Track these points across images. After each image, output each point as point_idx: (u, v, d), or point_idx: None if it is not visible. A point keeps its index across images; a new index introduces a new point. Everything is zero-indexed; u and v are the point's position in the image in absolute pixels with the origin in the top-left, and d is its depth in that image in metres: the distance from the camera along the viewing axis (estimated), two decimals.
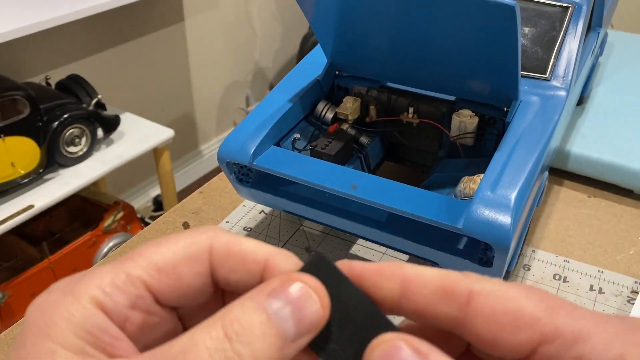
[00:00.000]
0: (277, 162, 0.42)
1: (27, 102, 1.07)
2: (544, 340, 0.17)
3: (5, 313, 1.12)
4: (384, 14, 0.40)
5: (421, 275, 0.19)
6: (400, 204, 0.37)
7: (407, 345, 0.17)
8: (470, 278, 0.19)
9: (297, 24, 2.29)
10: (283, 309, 0.18)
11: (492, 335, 0.18)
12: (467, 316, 0.18)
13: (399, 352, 0.17)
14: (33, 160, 1.12)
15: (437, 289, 0.19)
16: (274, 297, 0.18)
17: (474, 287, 0.18)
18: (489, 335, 0.18)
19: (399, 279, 0.19)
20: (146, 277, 0.19)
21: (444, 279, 0.19)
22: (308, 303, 0.18)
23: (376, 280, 0.19)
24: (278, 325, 0.17)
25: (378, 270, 0.19)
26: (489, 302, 0.18)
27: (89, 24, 1.53)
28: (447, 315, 0.19)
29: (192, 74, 1.95)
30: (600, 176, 0.55)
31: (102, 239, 1.26)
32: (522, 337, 0.17)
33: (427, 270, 0.19)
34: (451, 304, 0.18)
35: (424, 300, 0.19)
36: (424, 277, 0.19)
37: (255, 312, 0.17)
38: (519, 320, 0.18)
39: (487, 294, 0.18)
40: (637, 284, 0.45)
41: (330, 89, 0.49)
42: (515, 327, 0.18)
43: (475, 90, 0.43)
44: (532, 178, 0.37)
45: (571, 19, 0.48)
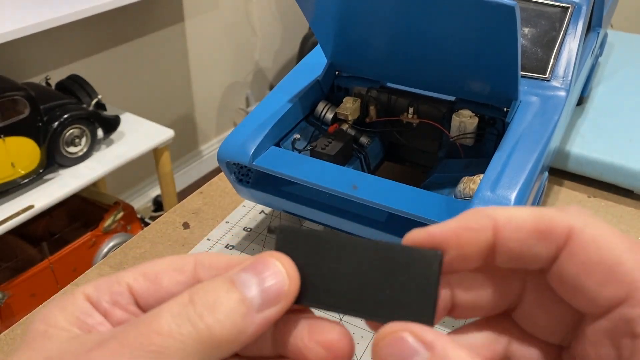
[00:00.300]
0: (277, 162, 0.42)
1: (27, 102, 1.07)
2: (628, 302, 0.16)
3: (5, 313, 1.12)
4: (384, 15, 0.40)
5: (514, 217, 0.18)
6: (400, 204, 0.37)
7: (411, 335, 0.17)
8: (568, 214, 0.17)
9: (297, 25, 2.29)
10: (249, 279, 0.18)
11: (577, 282, 0.17)
12: (561, 257, 0.17)
13: (404, 343, 0.17)
14: (33, 160, 1.12)
15: (533, 230, 0.17)
16: (242, 271, 0.18)
17: (574, 225, 0.17)
18: (575, 281, 0.17)
19: (490, 226, 0.18)
20: (131, 280, 0.20)
21: (539, 218, 0.17)
22: (274, 274, 0.18)
23: (466, 237, 0.18)
24: (242, 292, 0.18)
25: (464, 225, 0.18)
26: (586, 248, 0.17)
27: (89, 24, 1.53)
28: (543, 258, 0.17)
29: (192, 74, 1.95)
30: (600, 176, 0.55)
31: (102, 239, 1.26)
32: (608, 291, 0.16)
33: (518, 210, 0.18)
34: (548, 245, 0.17)
35: (520, 244, 0.17)
36: (518, 219, 0.18)
37: (223, 282, 0.18)
38: (613, 275, 0.16)
39: (587, 237, 0.17)
40: None
41: (330, 89, 0.49)
42: (606, 280, 0.16)
43: (475, 90, 0.43)
44: (532, 178, 0.37)
45: (571, 19, 0.48)
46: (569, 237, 0.17)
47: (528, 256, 0.18)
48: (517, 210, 0.18)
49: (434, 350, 0.16)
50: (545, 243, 0.17)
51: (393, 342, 0.17)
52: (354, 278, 0.19)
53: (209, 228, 0.52)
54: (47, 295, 0.57)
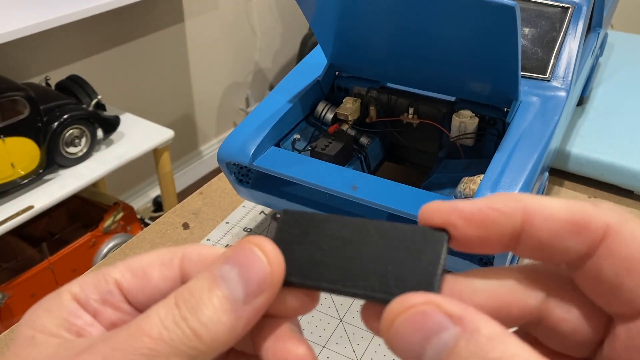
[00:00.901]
0: (277, 162, 0.42)
1: (27, 102, 1.07)
2: None
3: (5, 314, 1.12)
4: (384, 15, 0.40)
5: (546, 206, 0.16)
6: (400, 204, 0.37)
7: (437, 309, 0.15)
8: (604, 210, 0.16)
9: (297, 25, 2.29)
10: (230, 272, 0.17)
11: (616, 280, 0.16)
12: (596, 254, 0.16)
13: (430, 319, 0.15)
14: (33, 161, 1.12)
15: (566, 222, 0.16)
16: (224, 263, 0.18)
17: (611, 222, 0.16)
18: (613, 279, 0.16)
19: (520, 212, 0.17)
20: (118, 276, 0.19)
21: (574, 210, 0.16)
22: (254, 263, 0.17)
23: (493, 218, 0.17)
24: (224, 288, 0.17)
25: (491, 205, 0.17)
26: (626, 244, 0.16)
27: (88, 24, 1.53)
28: (574, 251, 0.16)
29: (192, 75, 1.95)
30: (600, 177, 0.55)
31: (102, 240, 1.26)
32: None
33: (551, 201, 0.17)
34: (582, 240, 0.16)
35: (550, 235, 0.16)
36: (550, 208, 0.16)
37: (205, 280, 0.17)
38: None
39: (627, 234, 0.16)
40: None
41: (330, 90, 0.49)
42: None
43: (475, 90, 0.43)
44: (532, 178, 0.37)
45: (571, 20, 0.48)
46: (606, 234, 0.16)
47: (557, 249, 0.17)
48: (549, 200, 0.17)
49: (463, 324, 0.15)
50: (579, 237, 0.16)
51: (414, 317, 0.15)
52: (353, 256, 0.18)
53: (209, 228, 0.52)
54: None
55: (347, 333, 0.41)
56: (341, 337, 0.41)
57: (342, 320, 0.42)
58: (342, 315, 0.43)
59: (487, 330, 0.14)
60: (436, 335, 0.15)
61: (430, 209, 0.17)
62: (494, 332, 0.14)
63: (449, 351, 0.14)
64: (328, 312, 0.43)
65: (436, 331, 0.15)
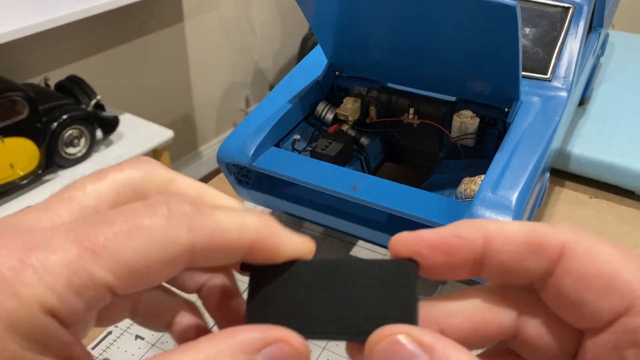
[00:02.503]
0: (277, 163, 0.42)
1: (26, 103, 1.07)
2: (630, 312, 0.16)
3: None
4: (384, 15, 0.40)
5: (505, 230, 0.17)
6: (400, 205, 0.37)
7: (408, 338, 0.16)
8: (561, 230, 0.17)
9: (297, 25, 2.29)
10: None
11: (577, 297, 0.17)
12: (556, 273, 0.17)
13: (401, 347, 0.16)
14: (32, 161, 1.12)
15: (524, 244, 0.17)
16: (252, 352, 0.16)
17: (567, 240, 0.17)
18: (574, 296, 0.17)
19: (480, 237, 0.17)
20: (112, 280, 0.15)
21: (531, 232, 0.17)
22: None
23: (456, 245, 0.18)
24: None
25: (453, 233, 0.18)
26: (582, 262, 0.16)
27: (88, 24, 1.53)
28: (534, 271, 0.17)
29: (192, 75, 1.95)
30: (601, 177, 0.55)
31: None
32: (609, 303, 0.16)
33: (511, 224, 0.18)
34: (540, 260, 0.17)
35: (510, 257, 0.17)
36: (509, 232, 0.17)
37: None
38: (611, 286, 0.16)
39: (582, 251, 0.17)
40: None
41: (330, 90, 0.49)
42: (605, 292, 0.16)
43: (476, 90, 0.43)
44: (533, 179, 0.37)
45: (572, 20, 0.47)
46: (562, 252, 0.17)
47: (519, 270, 0.17)
48: (509, 224, 0.18)
49: (433, 352, 0.16)
50: (537, 257, 0.17)
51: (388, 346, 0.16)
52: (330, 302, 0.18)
53: None
54: None
55: None
56: None
57: None
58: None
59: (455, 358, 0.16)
60: None
61: (397, 241, 0.18)
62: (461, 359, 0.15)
63: None
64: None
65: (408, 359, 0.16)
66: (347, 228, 0.43)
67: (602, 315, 0.16)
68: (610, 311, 0.16)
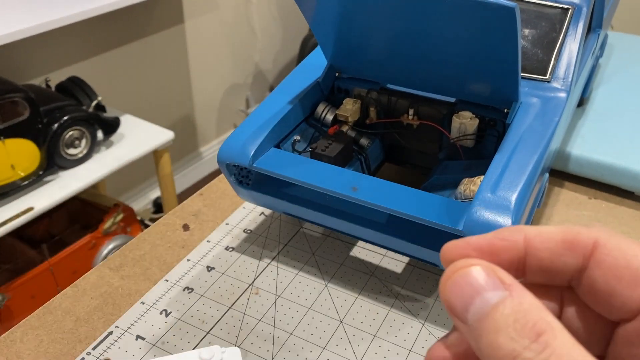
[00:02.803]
0: (277, 164, 0.42)
1: (27, 104, 1.07)
2: None
3: (5, 315, 1.12)
4: (384, 16, 0.40)
5: (543, 231, 0.19)
6: (400, 206, 0.37)
7: (494, 273, 0.17)
8: (594, 229, 0.19)
9: (297, 26, 2.29)
10: None
11: (608, 288, 0.18)
12: (589, 266, 0.18)
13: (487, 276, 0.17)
14: (33, 162, 1.12)
15: (561, 241, 0.19)
16: None
17: (599, 237, 0.18)
18: (606, 287, 0.18)
19: (521, 238, 0.19)
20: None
21: (567, 231, 0.19)
22: None
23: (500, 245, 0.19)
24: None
25: (498, 236, 0.19)
26: (612, 254, 0.18)
27: (89, 26, 1.53)
28: (571, 266, 0.19)
29: (192, 76, 1.95)
30: (600, 178, 0.55)
31: (102, 241, 1.26)
32: (637, 293, 0.17)
33: (547, 227, 0.19)
34: (575, 254, 0.19)
35: (549, 254, 0.19)
36: (547, 232, 0.19)
37: None
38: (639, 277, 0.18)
39: (612, 246, 0.18)
40: None
41: (330, 91, 0.49)
42: (634, 282, 0.18)
43: (475, 91, 0.43)
44: (533, 180, 0.37)
45: (571, 21, 0.48)
46: (595, 247, 0.18)
47: (557, 266, 0.19)
48: (546, 227, 0.20)
49: (512, 290, 0.17)
50: (572, 252, 0.19)
51: (473, 271, 0.17)
52: None
53: (209, 230, 0.52)
54: (47, 297, 0.57)
55: (348, 334, 0.41)
56: (341, 338, 0.41)
57: (342, 322, 0.42)
58: (342, 316, 0.43)
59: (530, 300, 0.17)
60: (487, 291, 0.17)
61: (447, 248, 0.19)
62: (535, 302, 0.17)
63: (495, 306, 0.16)
64: (328, 313, 0.43)
65: (488, 288, 0.17)
66: (347, 228, 0.43)
67: (631, 305, 0.18)
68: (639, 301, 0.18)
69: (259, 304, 0.44)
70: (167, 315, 0.43)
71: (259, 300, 0.44)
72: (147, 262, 0.49)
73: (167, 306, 0.44)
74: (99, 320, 0.43)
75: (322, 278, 0.46)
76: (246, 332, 0.41)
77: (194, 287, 0.45)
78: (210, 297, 0.45)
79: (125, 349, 0.41)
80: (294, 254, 0.48)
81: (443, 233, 0.38)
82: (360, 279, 0.46)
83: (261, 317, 0.43)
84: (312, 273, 0.47)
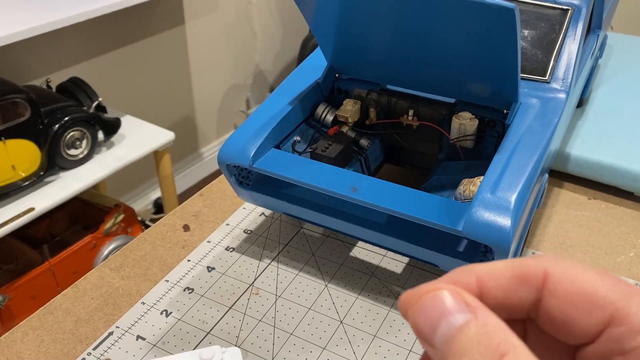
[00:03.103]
0: (278, 164, 0.42)
1: (28, 105, 1.08)
2: (613, 323, 0.18)
3: (6, 316, 1.12)
4: (384, 17, 0.40)
5: (494, 269, 0.19)
6: (400, 206, 0.37)
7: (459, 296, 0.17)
8: (542, 259, 0.19)
9: (297, 27, 2.29)
10: None
11: (565, 316, 0.18)
12: (543, 297, 0.18)
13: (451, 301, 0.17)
14: (34, 163, 1.13)
15: (512, 276, 0.19)
16: None
17: (547, 267, 0.19)
18: (562, 315, 0.18)
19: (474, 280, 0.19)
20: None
21: (516, 266, 0.19)
22: None
23: None
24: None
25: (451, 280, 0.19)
26: (563, 283, 0.18)
27: (89, 27, 1.53)
28: (526, 300, 0.19)
29: (193, 77, 1.95)
30: (600, 178, 0.55)
31: (103, 242, 1.26)
32: (594, 318, 0.18)
33: (498, 263, 0.19)
34: (528, 287, 0.19)
35: (503, 291, 0.19)
36: (497, 270, 0.19)
37: None
38: (593, 302, 0.18)
39: (562, 274, 0.18)
40: (638, 286, 0.45)
41: (330, 92, 0.49)
42: (589, 308, 0.18)
43: (475, 92, 0.43)
44: (532, 180, 0.37)
45: (571, 22, 0.48)
46: (545, 277, 0.18)
47: (513, 302, 0.19)
48: (496, 263, 0.19)
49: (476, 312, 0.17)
50: (525, 286, 0.19)
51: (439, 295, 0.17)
52: None
53: (210, 230, 0.52)
54: (48, 297, 0.57)
55: (348, 335, 0.41)
56: (341, 338, 0.41)
57: (342, 322, 0.42)
58: (342, 317, 0.43)
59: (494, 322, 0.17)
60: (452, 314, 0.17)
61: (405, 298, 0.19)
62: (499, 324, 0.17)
63: (460, 328, 0.17)
64: (328, 313, 0.43)
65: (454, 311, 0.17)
66: (347, 229, 0.43)
67: (589, 330, 0.18)
68: (596, 325, 0.18)
69: (259, 304, 0.44)
70: (167, 315, 0.43)
71: (259, 300, 0.44)
72: (147, 262, 0.49)
73: (167, 306, 0.44)
74: (100, 320, 0.43)
75: (322, 278, 0.46)
76: (246, 333, 0.42)
77: (194, 288, 0.46)
78: (211, 297, 0.45)
79: (125, 349, 0.41)
80: (294, 255, 0.49)
81: (443, 233, 0.38)
82: (360, 279, 0.46)
83: (261, 317, 0.43)
84: (312, 273, 0.47)
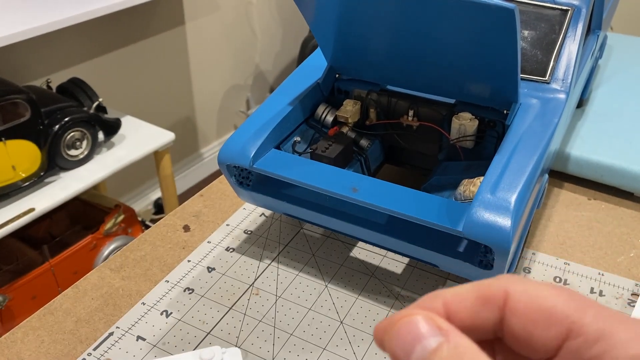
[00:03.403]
0: (278, 165, 0.42)
1: (28, 105, 1.08)
2: (570, 336, 0.18)
3: (6, 316, 1.12)
4: (384, 17, 0.40)
5: (459, 293, 0.20)
6: (400, 206, 0.37)
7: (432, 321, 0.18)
8: (502, 279, 0.20)
9: (297, 27, 2.29)
10: None
11: (526, 332, 0.19)
12: (505, 316, 0.19)
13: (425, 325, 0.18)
14: (34, 163, 1.13)
15: (475, 298, 0.20)
16: None
17: (508, 286, 0.19)
18: (524, 332, 0.19)
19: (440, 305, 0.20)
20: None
21: (479, 288, 0.20)
22: None
23: None
24: None
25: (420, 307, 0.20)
26: (523, 300, 0.19)
27: (90, 27, 1.54)
28: (490, 320, 0.20)
29: (193, 77, 1.95)
30: (600, 179, 0.55)
31: (103, 242, 1.26)
32: (552, 332, 0.19)
33: (461, 287, 0.20)
34: (491, 308, 0.20)
35: (468, 314, 0.20)
36: (462, 293, 0.20)
37: None
38: (551, 317, 0.19)
39: (521, 293, 0.19)
40: (638, 286, 0.45)
41: (331, 92, 0.49)
42: (547, 323, 0.19)
43: (475, 93, 0.43)
44: (532, 181, 0.37)
45: (570, 22, 0.48)
46: (506, 297, 0.19)
47: (479, 322, 0.20)
48: (460, 287, 0.20)
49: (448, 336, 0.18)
50: (488, 307, 0.20)
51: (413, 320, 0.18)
52: None
53: (210, 231, 0.52)
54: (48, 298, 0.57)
55: (348, 335, 0.41)
56: (341, 339, 0.41)
57: (342, 322, 0.42)
58: (342, 317, 0.43)
59: (465, 343, 0.18)
60: (426, 339, 0.18)
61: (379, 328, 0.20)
62: (470, 345, 0.18)
63: (433, 351, 0.17)
64: (328, 314, 0.43)
65: (428, 335, 0.18)
66: (347, 229, 0.43)
67: (550, 344, 0.19)
68: (555, 339, 0.19)
69: (260, 304, 0.44)
70: (167, 316, 0.43)
71: (259, 300, 0.44)
72: (147, 262, 0.49)
73: (167, 307, 0.44)
74: (100, 320, 0.43)
75: (322, 279, 0.46)
76: (246, 333, 0.42)
77: (194, 288, 0.46)
78: (211, 297, 0.45)
79: (126, 349, 0.41)
80: (294, 255, 0.49)
81: (443, 234, 0.38)
82: (360, 279, 0.46)
83: (261, 317, 0.43)
84: (313, 274, 0.47)
